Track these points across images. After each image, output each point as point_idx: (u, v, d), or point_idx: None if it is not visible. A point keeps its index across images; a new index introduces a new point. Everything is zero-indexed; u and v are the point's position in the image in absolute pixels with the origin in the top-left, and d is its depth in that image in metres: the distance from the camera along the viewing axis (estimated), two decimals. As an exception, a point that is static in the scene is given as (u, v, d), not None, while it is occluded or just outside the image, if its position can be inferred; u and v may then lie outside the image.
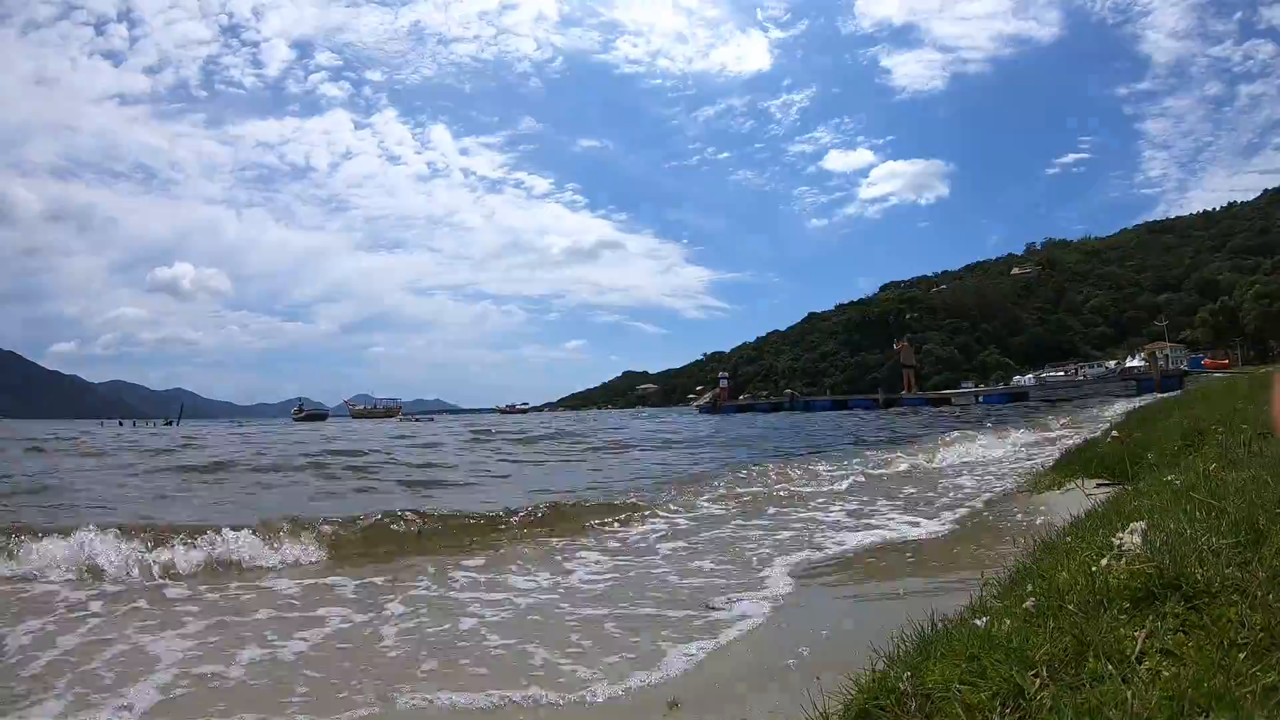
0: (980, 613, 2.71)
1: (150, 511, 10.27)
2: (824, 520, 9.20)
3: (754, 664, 4.22)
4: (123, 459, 21.20)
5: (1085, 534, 3.48)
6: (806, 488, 12.48)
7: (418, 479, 14.99)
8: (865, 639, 2.89)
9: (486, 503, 10.56)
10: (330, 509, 9.93)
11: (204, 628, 5.29)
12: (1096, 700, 1.78)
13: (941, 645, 2.46)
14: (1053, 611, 2.40)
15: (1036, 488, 9.38)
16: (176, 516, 9.51)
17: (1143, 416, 13.73)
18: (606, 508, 10.28)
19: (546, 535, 8.71)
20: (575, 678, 4.19)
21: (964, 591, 3.50)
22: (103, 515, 9.15)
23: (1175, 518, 2.94)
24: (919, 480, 12.96)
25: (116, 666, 4.48)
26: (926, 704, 2.10)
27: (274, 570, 7.21)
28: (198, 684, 4.21)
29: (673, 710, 3.62)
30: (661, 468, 18.04)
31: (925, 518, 8.92)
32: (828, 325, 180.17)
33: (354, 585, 6.51)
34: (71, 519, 8.61)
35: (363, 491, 13.25)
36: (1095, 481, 7.77)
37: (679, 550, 7.83)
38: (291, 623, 5.43)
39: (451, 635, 5.08)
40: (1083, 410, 36.35)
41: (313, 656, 4.67)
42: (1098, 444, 10.18)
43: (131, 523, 8.19)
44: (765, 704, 3.54)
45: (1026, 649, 2.15)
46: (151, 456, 21.83)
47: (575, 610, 5.62)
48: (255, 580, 6.81)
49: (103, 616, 5.60)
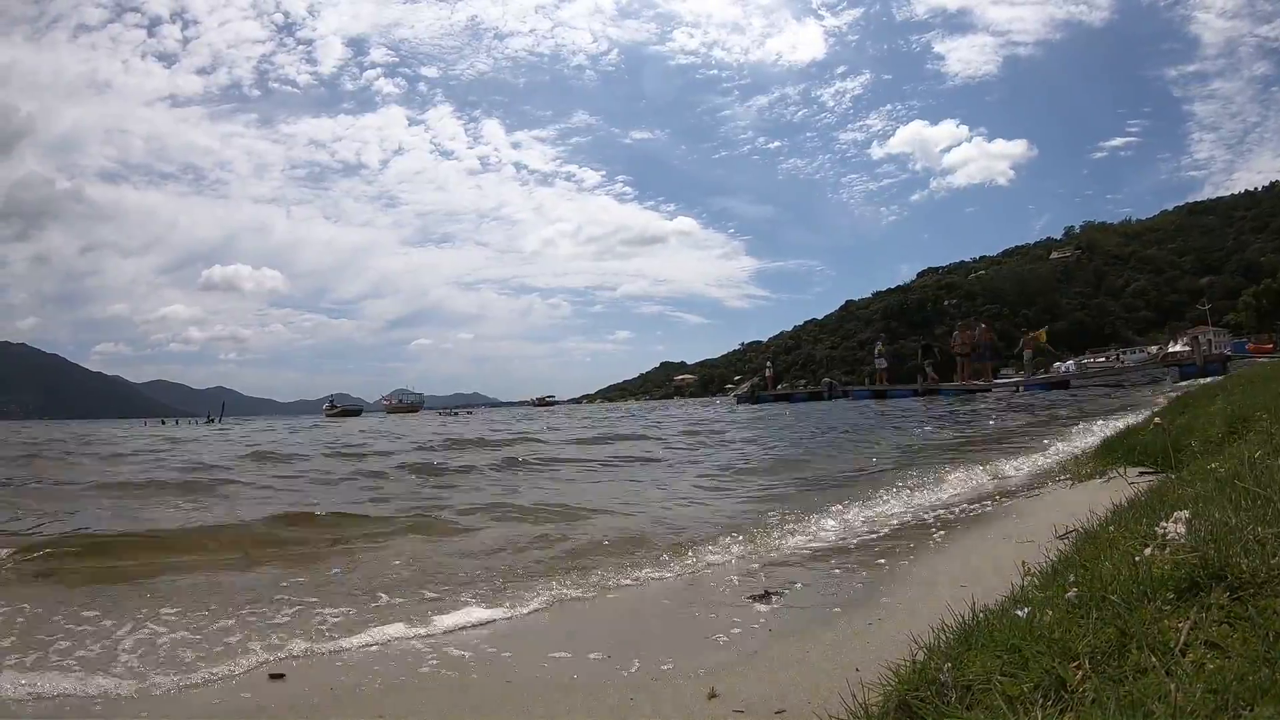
0: (1022, 603, 2.69)
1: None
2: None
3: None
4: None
5: (1128, 523, 3.44)
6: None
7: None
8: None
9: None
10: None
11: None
12: (1139, 693, 1.77)
13: (982, 636, 2.44)
14: (1095, 602, 2.37)
15: (1079, 476, 9.24)
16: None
17: (1185, 402, 13.48)
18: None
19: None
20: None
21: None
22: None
23: (1220, 506, 2.89)
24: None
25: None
26: (966, 695, 2.10)
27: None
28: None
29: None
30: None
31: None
32: (865, 313, 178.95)
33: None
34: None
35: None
36: (1137, 469, 7.67)
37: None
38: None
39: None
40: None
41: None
42: (1140, 431, 10.01)
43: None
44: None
45: (1068, 640, 2.14)
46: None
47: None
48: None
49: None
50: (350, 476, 15.71)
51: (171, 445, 28.52)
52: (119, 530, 9.00)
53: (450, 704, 3.76)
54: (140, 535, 8.61)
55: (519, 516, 9.71)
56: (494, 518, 9.65)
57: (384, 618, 5.28)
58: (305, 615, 5.39)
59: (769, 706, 3.26)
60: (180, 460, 20.37)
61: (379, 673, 4.21)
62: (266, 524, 9.25)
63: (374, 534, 8.61)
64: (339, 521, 9.39)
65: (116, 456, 22.65)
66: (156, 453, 24.14)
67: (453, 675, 4.17)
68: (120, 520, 10.03)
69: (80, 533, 8.87)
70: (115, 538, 8.41)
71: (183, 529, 9.16)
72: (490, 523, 9.31)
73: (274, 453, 22.49)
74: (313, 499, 11.95)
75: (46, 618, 5.34)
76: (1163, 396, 23.95)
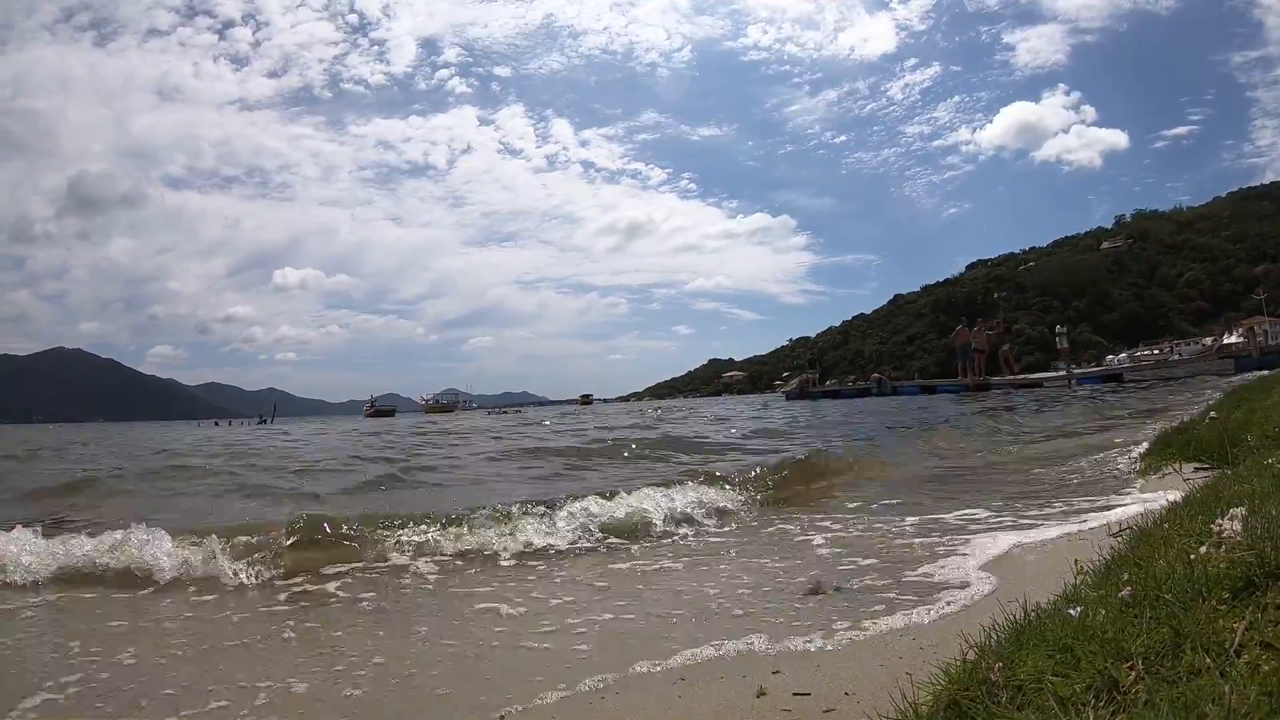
0: (1074, 602, 2.68)
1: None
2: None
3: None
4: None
5: (1183, 520, 3.40)
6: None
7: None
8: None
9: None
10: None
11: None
12: (1193, 695, 1.76)
13: (1034, 635, 2.42)
14: (1149, 601, 2.36)
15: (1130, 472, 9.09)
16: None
17: (1241, 395, 13.18)
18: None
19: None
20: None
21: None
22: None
23: (1277, 503, 2.85)
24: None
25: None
26: (1018, 695, 2.09)
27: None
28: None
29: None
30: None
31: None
32: (914, 307, 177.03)
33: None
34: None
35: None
36: (1192, 465, 7.53)
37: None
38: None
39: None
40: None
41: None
42: (1195, 425, 9.81)
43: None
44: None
45: (1122, 640, 2.12)
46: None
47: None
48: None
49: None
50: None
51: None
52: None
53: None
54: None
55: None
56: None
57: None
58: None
59: (817, 705, 3.27)
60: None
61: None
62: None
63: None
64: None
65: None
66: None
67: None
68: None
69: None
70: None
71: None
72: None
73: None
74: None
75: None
76: (1218, 390, 23.31)
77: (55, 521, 8.18)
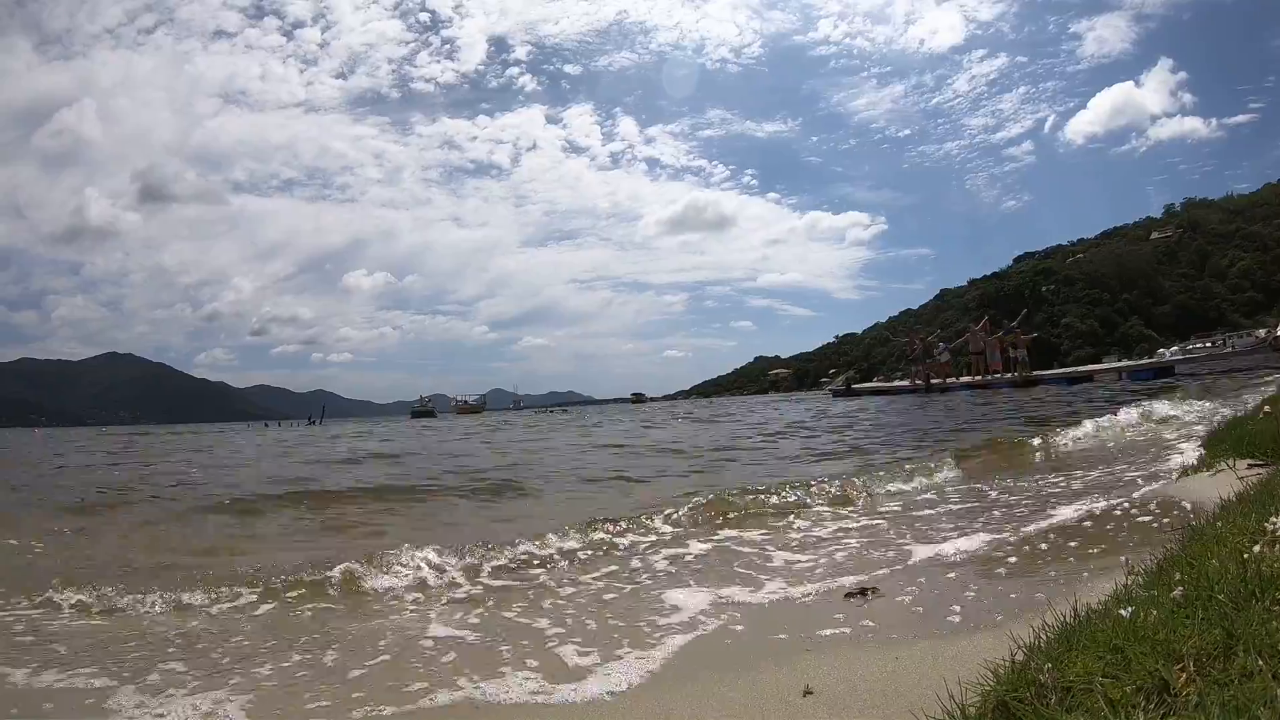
0: (1125, 602, 2.66)
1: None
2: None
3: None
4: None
5: (1236, 519, 3.35)
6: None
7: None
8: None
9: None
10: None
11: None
12: (1245, 697, 1.75)
13: (1084, 636, 2.42)
14: (1201, 602, 2.34)
15: (1183, 470, 8.91)
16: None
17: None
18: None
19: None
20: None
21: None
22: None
23: (1334, 502, 2.81)
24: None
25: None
26: (1067, 697, 2.09)
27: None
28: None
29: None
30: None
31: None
32: (961, 302, 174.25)
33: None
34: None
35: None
36: (1246, 462, 7.36)
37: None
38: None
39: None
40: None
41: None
42: (1248, 420, 9.59)
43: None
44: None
45: (1173, 641, 2.11)
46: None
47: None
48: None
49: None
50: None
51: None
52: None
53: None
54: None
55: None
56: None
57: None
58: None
59: (861, 702, 3.27)
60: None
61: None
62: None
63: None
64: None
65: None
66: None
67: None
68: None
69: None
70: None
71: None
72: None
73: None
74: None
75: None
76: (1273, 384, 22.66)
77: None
